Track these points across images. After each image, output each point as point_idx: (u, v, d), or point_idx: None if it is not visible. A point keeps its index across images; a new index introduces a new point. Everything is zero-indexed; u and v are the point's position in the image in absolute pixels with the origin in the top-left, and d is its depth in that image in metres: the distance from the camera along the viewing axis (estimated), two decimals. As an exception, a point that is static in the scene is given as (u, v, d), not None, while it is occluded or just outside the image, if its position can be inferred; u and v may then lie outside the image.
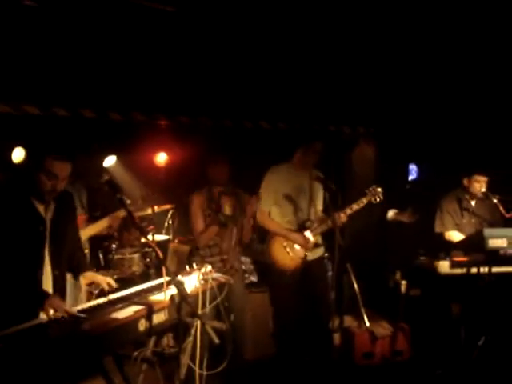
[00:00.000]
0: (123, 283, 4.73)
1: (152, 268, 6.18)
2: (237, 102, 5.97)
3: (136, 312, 2.94)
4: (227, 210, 4.73)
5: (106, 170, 6.23)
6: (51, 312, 3.00)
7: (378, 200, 4.98)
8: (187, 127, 6.24)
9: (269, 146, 6.41)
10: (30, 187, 3.20)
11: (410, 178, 7.67)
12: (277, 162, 5.18)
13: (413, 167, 7.64)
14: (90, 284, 3.37)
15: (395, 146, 6.93)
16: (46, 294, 3.17)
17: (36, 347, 2.50)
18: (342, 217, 4.84)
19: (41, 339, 2.59)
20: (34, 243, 3.23)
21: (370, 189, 5.00)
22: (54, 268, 3.31)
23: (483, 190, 5.49)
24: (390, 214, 6.28)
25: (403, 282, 5.48)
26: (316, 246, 5.09)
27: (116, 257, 5.96)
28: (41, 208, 3.26)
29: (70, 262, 3.57)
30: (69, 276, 3.62)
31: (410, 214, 6.13)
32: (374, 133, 7.09)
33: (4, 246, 3.12)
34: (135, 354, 2.98)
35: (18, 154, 5.53)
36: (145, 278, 5.76)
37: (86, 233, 5.00)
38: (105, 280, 3.33)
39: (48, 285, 3.29)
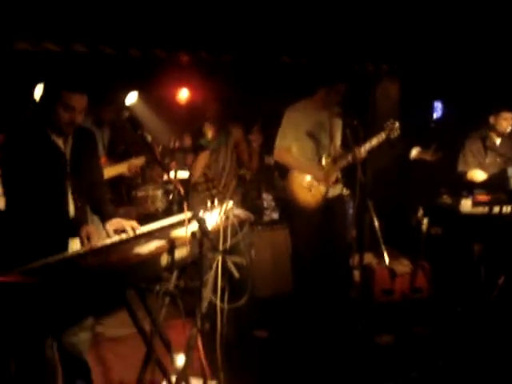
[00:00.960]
0: (146, 219, 4.80)
1: (175, 204, 6.24)
2: (259, 37, 5.87)
3: (158, 247, 2.96)
4: (209, 134, 4.82)
5: (127, 107, 6.23)
6: (85, 240, 3.09)
7: (395, 134, 4.90)
8: (208, 63, 6.17)
9: (290, 82, 6.33)
10: (47, 121, 3.24)
11: (435, 115, 7.55)
12: (298, 98, 5.12)
13: (437, 104, 7.51)
14: (116, 230, 3.41)
15: (419, 83, 6.79)
16: (80, 222, 3.27)
17: (66, 280, 2.55)
18: (362, 152, 4.79)
19: (71, 272, 2.64)
20: (56, 176, 3.29)
21: (388, 123, 4.91)
22: (75, 200, 3.38)
23: (509, 128, 5.42)
24: (414, 152, 6.22)
25: (425, 221, 5.47)
26: (336, 182, 5.08)
27: (139, 193, 6.04)
28: (59, 142, 3.31)
29: (93, 202, 3.63)
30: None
31: (433, 152, 6.07)
32: (398, 70, 6.94)
33: (28, 181, 3.19)
34: (157, 287, 3.03)
35: (40, 92, 5.54)
36: (168, 214, 5.82)
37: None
38: (129, 224, 3.36)
39: (71, 215, 3.37)
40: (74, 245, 3.31)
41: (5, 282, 2.49)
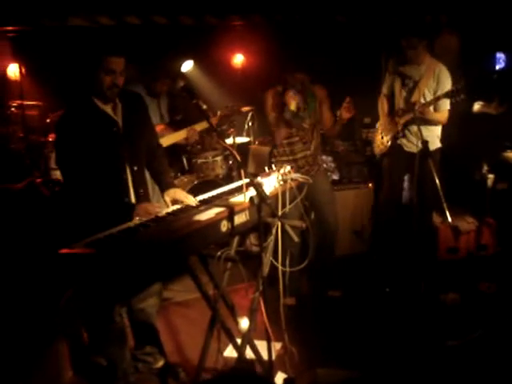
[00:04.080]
0: (207, 186, 4.86)
1: (235, 170, 6.29)
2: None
3: (218, 214, 3.01)
4: (292, 105, 4.58)
5: (182, 75, 6.27)
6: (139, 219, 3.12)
7: (461, 85, 4.62)
8: (261, 26, 6.12)
9: (346, 40, 6.23)
10: (92, 90, 3.30)
11: (498, 67, 7.27)
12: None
13: (500, 56, 7.22)
14: (173, 201, 3.47)
15: (480, 34, 6.55)
16: (131, 205, 3.32)
17: (126, 251, 2.63)
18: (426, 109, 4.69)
19: (130, 243, 2.71)
20: (111, 145, 3.34)
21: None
22: (131, 165, 3.43)
23: None
24: (476, 105, 6.03)
25: (490, 176, 5.35)
26: (401, 135, 4.97)
27: (199, 160, 6.10)
28: (108, 109, 3.36)
29: (153, 172, 3.70)
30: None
31: (496, 106, 5.87)
32: (458, 20, 6.70)
33: (83, 153, 3.24)
34: (219, 253, 3.09)
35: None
36: (228, 180, 5.89)
37: (163, 142, 5.13)
38: (186, 197, 3.41)
39: (128, 181, 3.43)
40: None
41: (71, 253, 2.60)
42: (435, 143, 4.90)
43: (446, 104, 4.78)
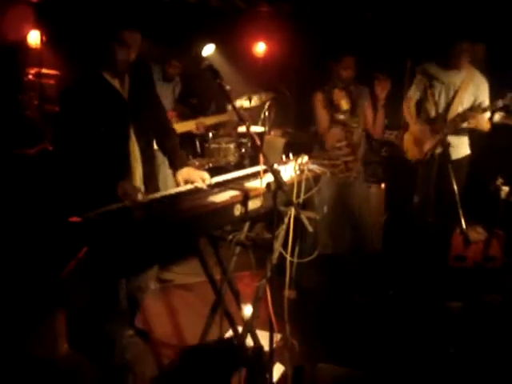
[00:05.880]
0: (218, 172, 4.82)
1: (246, 158, 6.24)
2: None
3: (232, 197, 2.97)
4: (344, 105, 4.52)
5: (203, 58, 6.22)
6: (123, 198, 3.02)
7: None
8: (288, 15, 6.05)
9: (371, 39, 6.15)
10: (102, 62, 3.22)
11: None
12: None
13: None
14: (186, 181, 3.40)
15: (507, 47, 6.47)
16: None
17: (137, 224, 2.59)
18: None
19: (144, 218, 2.65)
20: (119, 121, 3.28)
21: None
22: (139, 140, 3.36)
23: None
24: (497, 116, 5.95)
25: (504, 188, 5.27)
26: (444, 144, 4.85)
27: (212, 146, 6.05)
28: (116, 84, 3.28)
29: (164, 149, 3.63)
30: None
31: (518, 118, 5.80)
32: (484, 33, 6.62)
33: (90, 128, 3.19)
34: (230, 237, 3.04)
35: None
36: (239, 167, 5.83)
37: None
38: (199, 176, 3.33)
39: (136, 156, 3.36)
40: None
41: (81, 222, 2.55)
42: (467, 149, 5.08)
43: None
